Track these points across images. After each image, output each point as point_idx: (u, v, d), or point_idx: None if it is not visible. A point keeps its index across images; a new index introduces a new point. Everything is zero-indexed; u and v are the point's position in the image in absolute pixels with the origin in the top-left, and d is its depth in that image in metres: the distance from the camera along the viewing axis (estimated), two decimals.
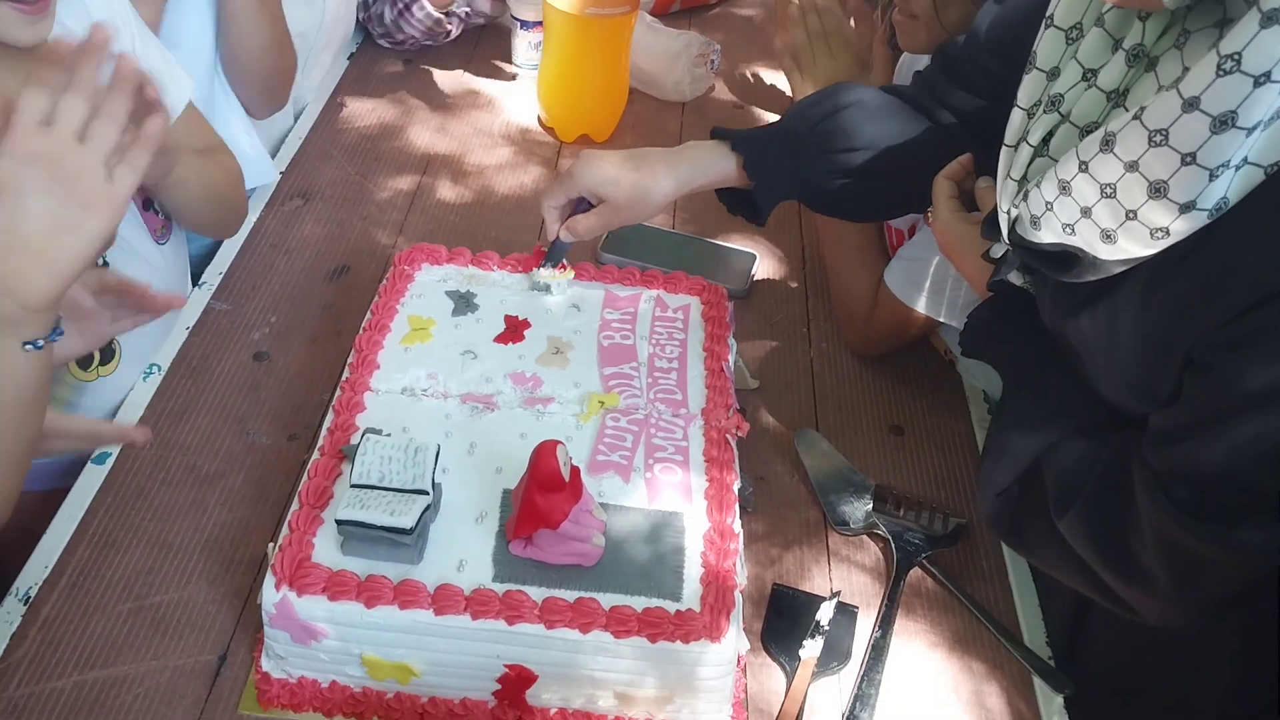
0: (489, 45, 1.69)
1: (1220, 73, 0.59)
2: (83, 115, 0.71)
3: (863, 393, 1.14)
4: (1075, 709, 0.87)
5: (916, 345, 1.18)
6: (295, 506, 0.83)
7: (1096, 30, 0.71)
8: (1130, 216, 0.66)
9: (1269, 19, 0.57)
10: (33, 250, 0.71)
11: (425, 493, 0.80)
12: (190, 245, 1.25)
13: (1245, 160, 0.61)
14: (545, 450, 0.77)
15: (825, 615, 0.90)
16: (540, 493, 0.77)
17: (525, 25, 1.57)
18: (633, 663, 0.77)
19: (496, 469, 0.87)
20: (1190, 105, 0.61)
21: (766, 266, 1.30)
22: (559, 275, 1.05)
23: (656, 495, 0.87)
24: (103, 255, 1.03)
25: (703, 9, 1.86)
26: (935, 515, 0.99)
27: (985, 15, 0.98)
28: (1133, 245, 0.67)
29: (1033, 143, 0.75)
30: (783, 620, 0.90)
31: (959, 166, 0.94)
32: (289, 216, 1.30)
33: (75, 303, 0.86)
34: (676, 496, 0.87)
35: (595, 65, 1.43)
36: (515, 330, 1.01)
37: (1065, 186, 0.70)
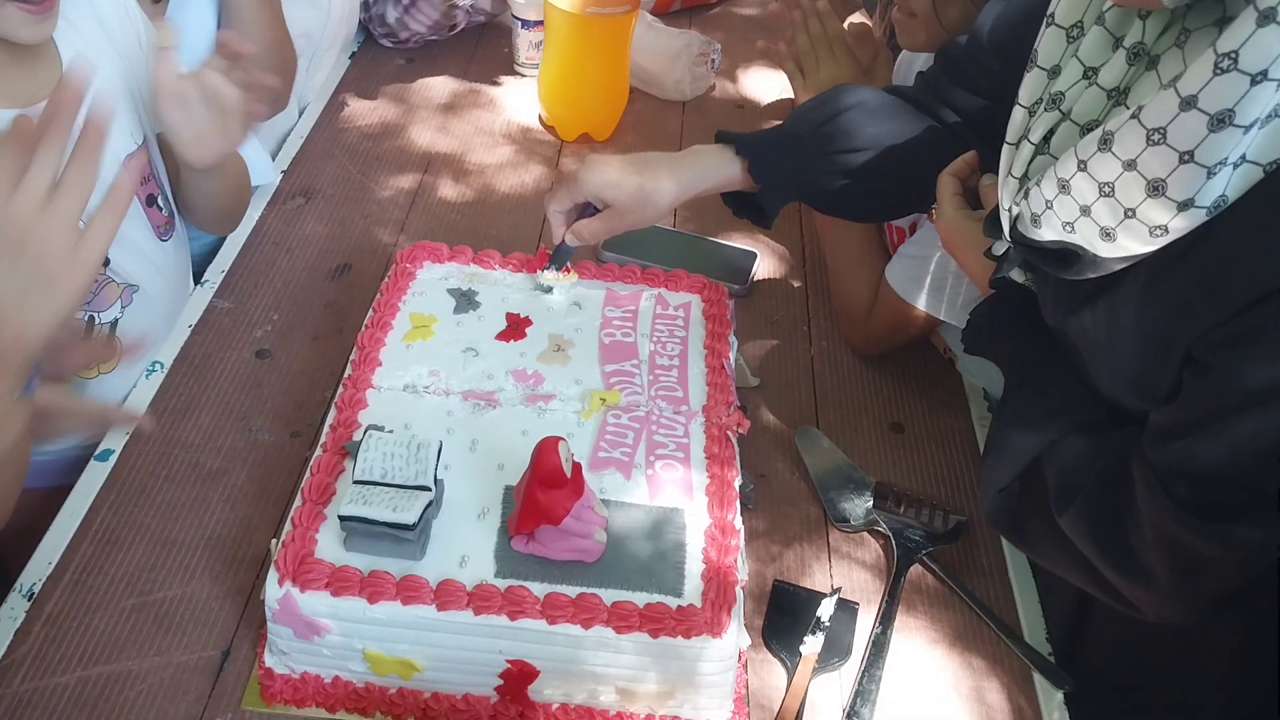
0: (490, 44, 1.69)
1: (1217, 71, 0.59)
2: (47, 184, 0.68)
3: (863, 390, 1.14)
4: (1075, 705, 0.88)
5: (916, 344, 1.18)
6: (298, 503, 0.83)
7: (1097, 29, 0.71)
8: (1129, 215, 0.66)
9: (1266, 17, 0.57)
10: (1, 320, 0.69)
11: (428, 489, 0.80)
12: (193, 243, 1.26)
13: (1244, 158, 0.61)
14: (547, 446, 0.78)
15: (826, 611, 0.90)
16: (542, 489, 0.78)
17: (526, 24, 1.57)
18: (634, 658, 0.77)
19: (498, 465, 0.88)
20: (1188, 104, 0.61)
21: (767, 265, 1.30)
22: (563, 278, 1.06)
23: (658, 492, 0.87)
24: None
25: (703, 8, 1.86)
26: (935, 512, 1.00)
27: (987, 15, 0.98)
28: (1132, 243, 0.68)
29: (1034, 140, 0.75)
30: (784, 616, 0.91)
31: (964, 164, 0.94)
32: (291, 215, 1.31)
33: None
34: (678, 493, 0.87)
35: (596, 64, 1.44)
36: (517, 328, 1.01)
37: (1065, 185, 0.70)
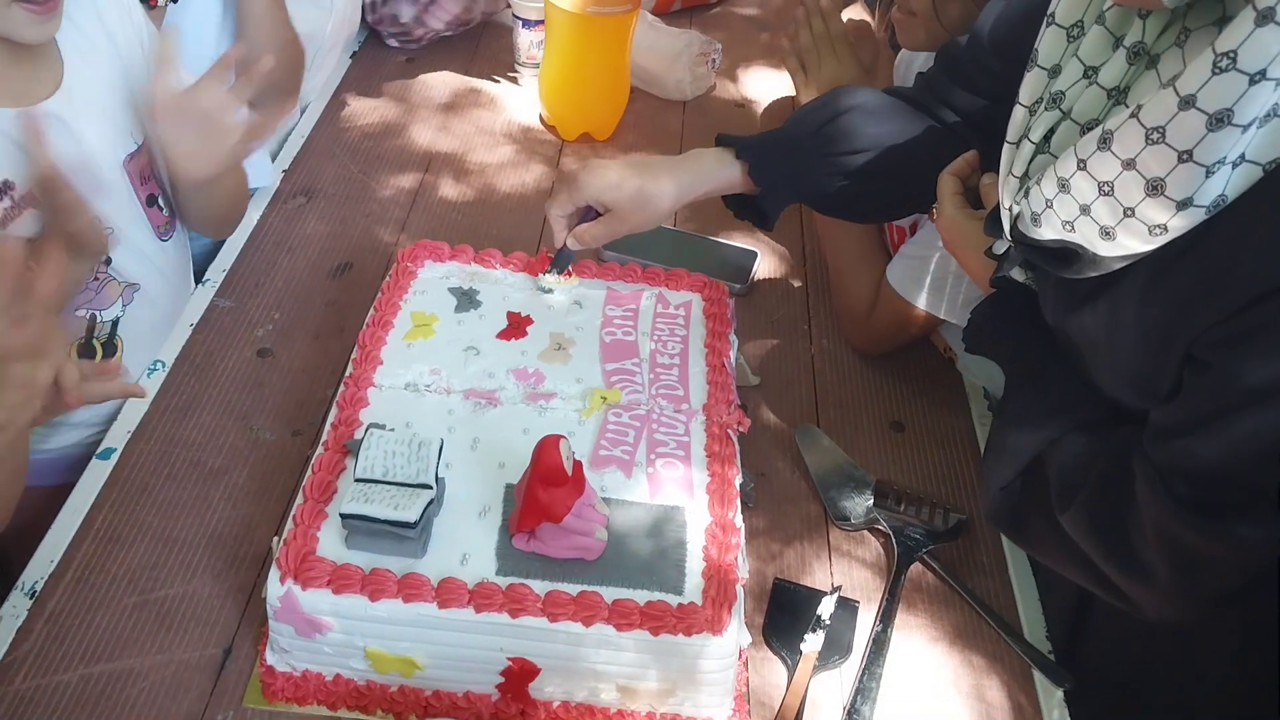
0: (491, 44, 1.69)
1: (1216, 70, 0.59)
2: None
3: (863, 389, 1.14)
4: (1075, 703, 0.88)
5: (917, 343, 1.18)
6: (300, 501, 0.83)
7: (1097, 28, 0.71)
8: (1128, 214, 0.66)
9: (1264, 17, 0.57)
10: None
11: (429, 487, 0.80)
12: (194, 242, 1.26)
13: (1243, 157, 0.62)
14: (548, 445, 0.78)
15: (826, 610, 0.90)
16: (543, 487, 0.78)
17: (527, 24, 1.57)
18: (635, 656, 0.77)
19: (499, 464, 0.88)
20: (1187, 103, 0.61)
21: (768, 264, 1.30)
22: (565, 282, 1.06)
23: (658, 490, 0.87)
24: (106, 254, 1.04)
25: (704, 8, 1.86)
26: (936, 510, 1.00)
27: (987, 15, 0.98)
28: (1132, 242, 0.68)
29: (1034, 140, 0.76)
30: (784, 615, 0.91)
31: (964, 163, 0.95)
32: (292, 214, 1.31)
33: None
34: (678, 491, 0.87)
35: (597, 64, 1.44)
36: (518, 326, 1.01)
37: (1064, 184, 0.70)
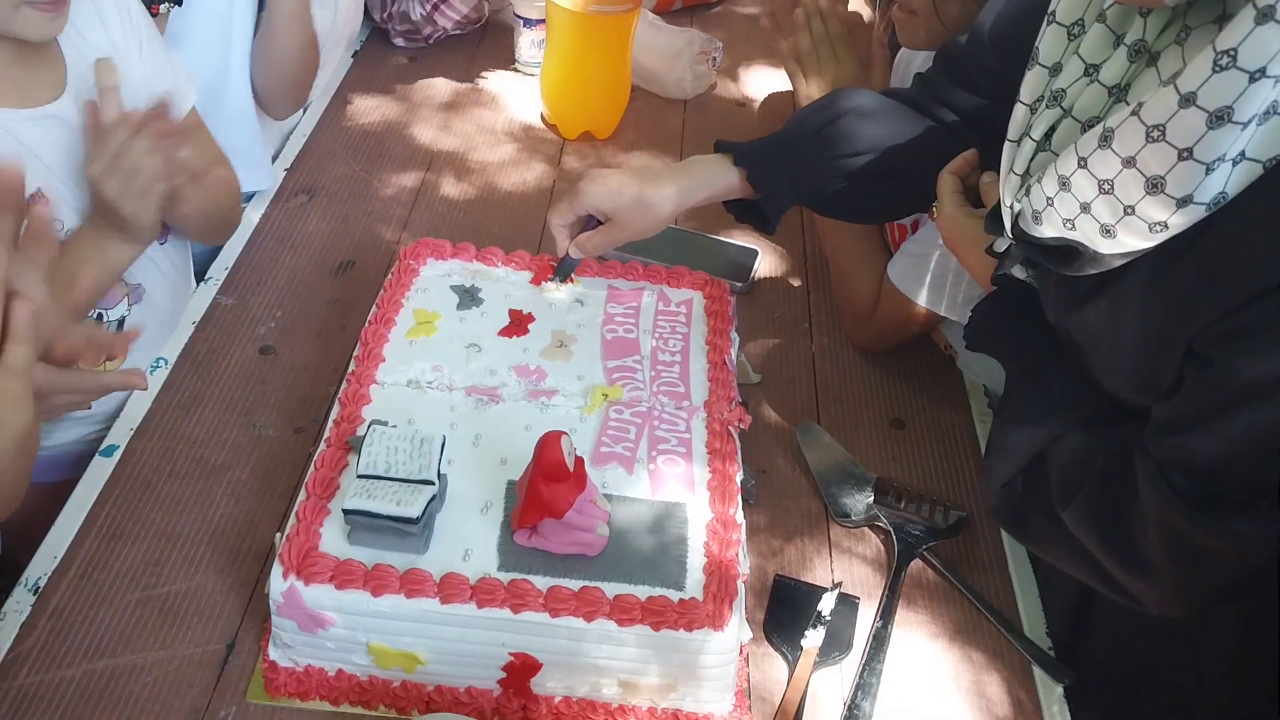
0: (492, 43, 1.69)
1: (1216, 68, 0.60)
2: None
3: (864, 387, 1.15)
4: (1075, 699, 0.88)
5: (917, 340, 1.19)
6: (302, 497, 0.83)
7: (1098, 26, 0.71)
8: (1128, 211, 0.67)
9: (1264, 15, 0.57)
10: None
11: (431, 483, 0.81)
12: (194, 243, 1.26)
13: (1243, 155, 0.62)
14: (550, 440, 0.78)
15: (827, 606, 0.91)
16: (545, 483, 0.78)
17: (528, 23, 1.57)
18: (636, 651, 0.78)
19: (501, 460, 0.88)
20: (1187, 101, 0.61)
21: (768, 262, 1.30)
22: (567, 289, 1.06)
23: (660, 486, 0.87)
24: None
25: (704, 7, 1.86)
26: (936, 507, 1.00)
27: (988, 13, 0.99)
28: (1132, 239, 0.68)
29: (1035, 137, 0.76)
30: (785, 610, 0.91)
31: (964, 162, 0.95)
32: (294, 213, 1.31)
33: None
34: (679, 488, 0.87)
35: (598, 62, 1.44)
36: (519, 324, 1.01)
37: (1065, 182, 0.70)
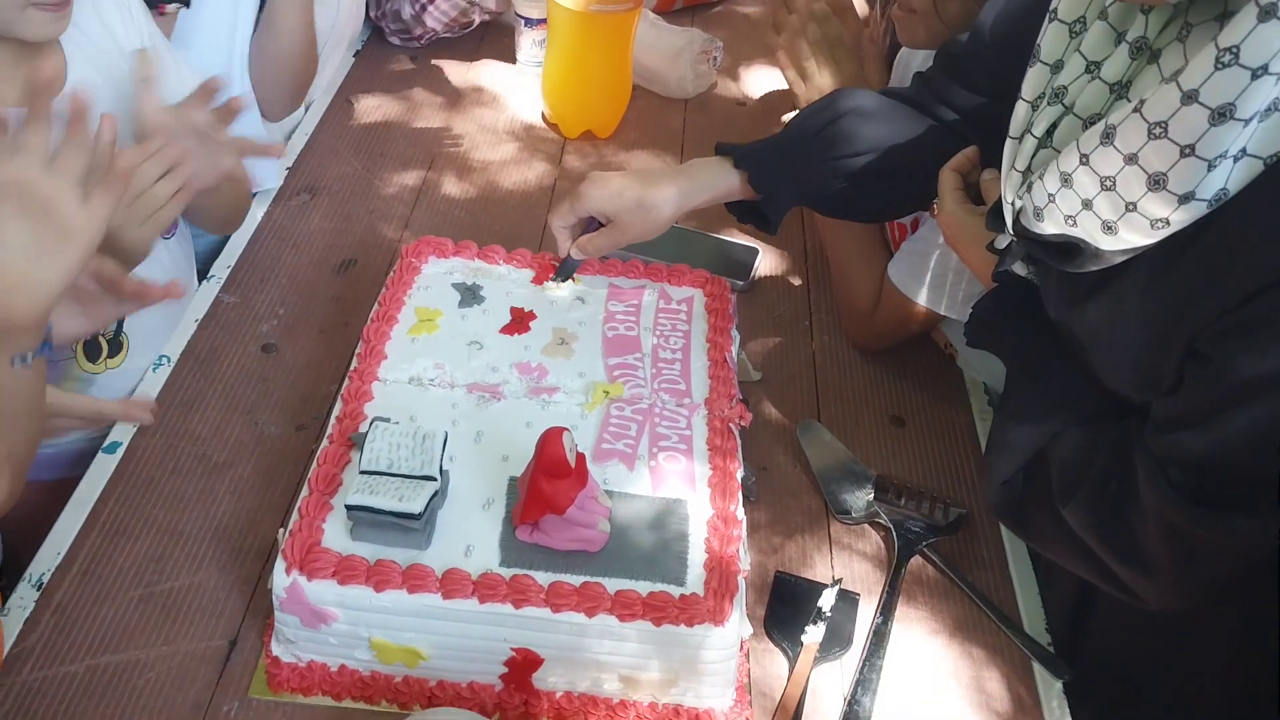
0: (493, 42, 1.70)
1: (1219, 65, 0.60)
2: (44, 145, 0.71)
3: (864, 385, 1.15)
4: (1074, 695, 0.88)
5: (917, 339, 1.19)
6: (305, 493, 0.84)
7: (1100, 23, 0.71)
8: (1130, 208, 0.67)
9: (1267, 13, 0.58)
10: (11, 277, 0.70)
11: (433, 479, 0.81)
12: (198, 240, 1.27)
13: (1244, 151, 0.62)
14: (551, 436, 0.78)
15: (827, 602, 0.91)
16: (546, 478, 0.78)
17: (529, 22, 1.58)
18: (638, 646, 0.78)
19: (503, 457, 0.88)
20: (1189, 98, 0.61)
21: (769, 261, 1.31)
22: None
23: (661, 483, 0.88)
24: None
25: (705, 6, 1.86)
26: (936, 505, 1.00)
27: (988, 11, 0.99)
28: (1133, 236, 0.68)
29: (1036, 134, 0.76)
30: (785, 607, 0.91)
31: (965, 159, 0.95)
32: (296, 211, 1.31)
33: (78, 287, 0.85)
34: (680, 484, 0.88)
35: (599, 62, 1.44)
36: (521, 321, 1.02)
37: (1067, 179, 0.71)
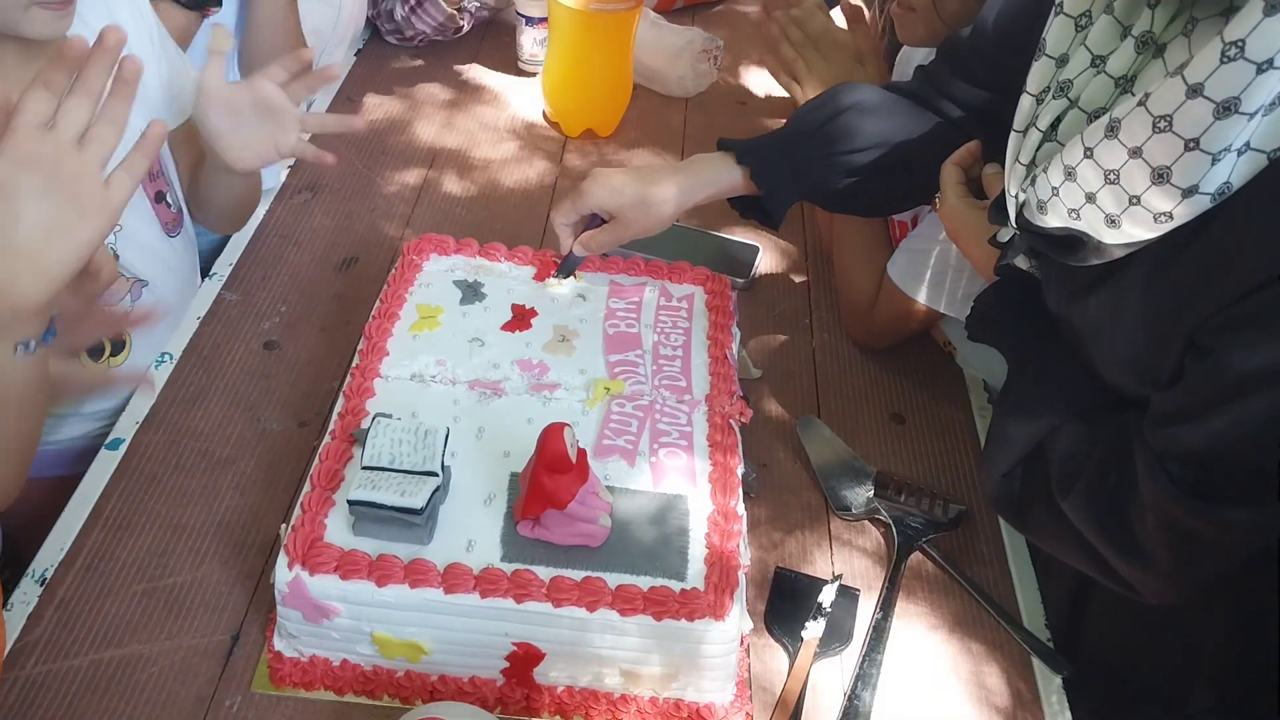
0: (494, 41, 1.70)
1: (1224, 59, 0.60)
2: (84, 119, 0.70)
3: (864, 382, 1.15)
4: (1073, 689, 0.89)
5: (917, 337, 1.19)
6: (307, 488, 0.84)
7: (1106, 17, 0.71)
8: (1134, 202, 0.67)
9: (1272, 7, 0.58)
10: (25, 254, 0.69)
11: (435, 474, 0.81)
12: (200, 239, 1.27)
13: (1248, 145, 0.62)
14: (553, 432, 0.79)
15: (827, 597, 0.91)
16: (548, 474, 0.79)
17: (530, 21, 1.58)
18: (639, 640, 0.78)
19: (504, 453, 0.89)
20: (1194, 91, 0.61)
21: (770, 259, 1.31)
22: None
23: (661, 479, 0.88)
24: (111, 248, 1.05)
25: (705, 6, 1.87)
26: (936, 501, 1.01)
27: (991, 6, 0.99)
28: (1137, 229, 0.68)
29: (1041, 128, 0.76)
30: (785, 602, 0.92)
31: (967, 153, 0.95)
32: (298, 209, 1.32)
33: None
34: (681, 480, 0.88)
35: (600, 61, 1.45)
36: (522, 318, 1.02)
37: (1071, 172, 0.71)
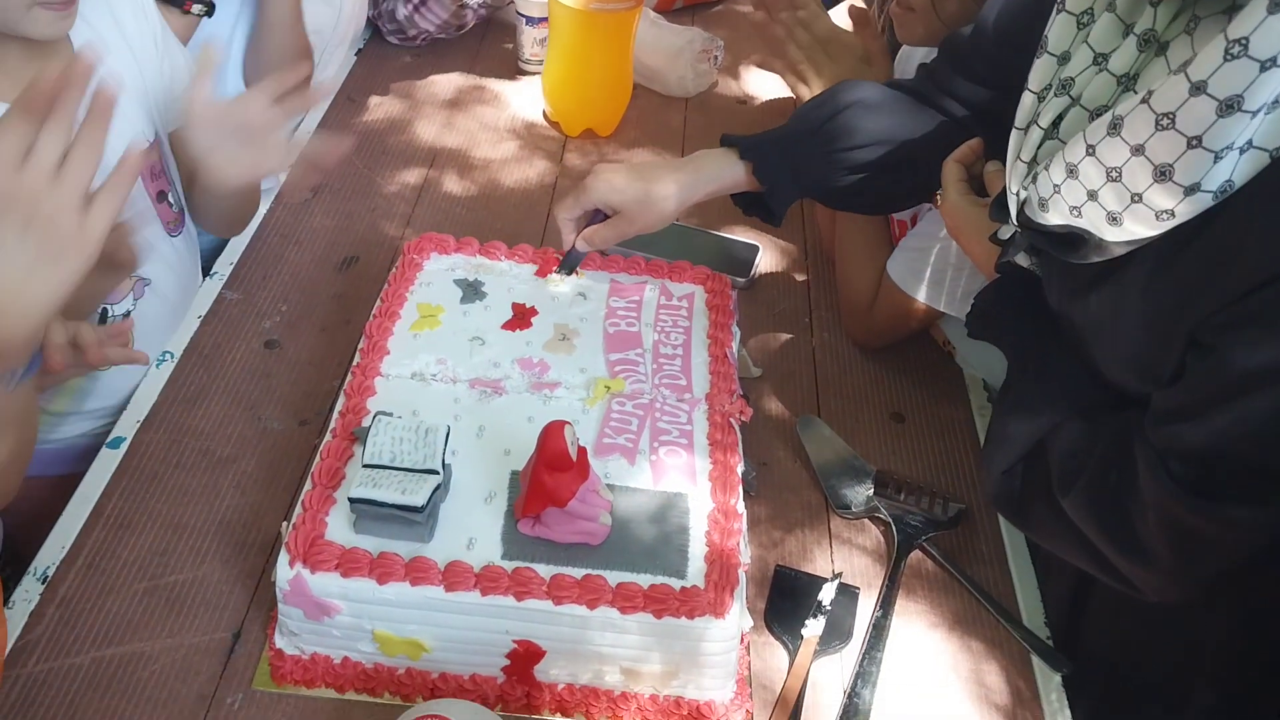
0: (495, 41, 1.70)
1: (1228, 57, 0.60)
2: (59, 152, 0.67)
3: (864, 381, 1.15)
4: (1073, 687, 0.89)
5: (917, 336, 1.19)
6: (308, 486, 0.84)
7: (1108, 15, 0.71)
8: (1136, 199, 0.67)
9: (1276, 5, 0.58)
10: (5, 295, 0.68)
11: (436, 472, 0.81)
12: (201, 237, 1.27)
13: (1250, 143, 0.62)
14: (553, 430, 0.79)
15: (827, 596, 0.92)
16: (548, 471, 0.79)
17: (531, 21, 1.58)
18: (639, 638, 0.78)
19: (505, 451, 0.89)
20: (1198, 89, 0.61)
21: (770, 258, 1.31)
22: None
23: (661, 477, 0.88)
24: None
25: (705, 5, 1.87)
26: (935, 500, 1.01)
27: (991, 6, 0.99)
28: (1138, 227, 0.68)
29: (1043, 125, 0.76)
30: (785, 600, 0.92)
31: (968, 150, 0.95)
32: (298, 209, 1.32)
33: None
34: (681, 478, 0.88)
35: (600, 60, 1.45)
36: (523, 317, 1.02)
37: (1073, 170, 0.71)
